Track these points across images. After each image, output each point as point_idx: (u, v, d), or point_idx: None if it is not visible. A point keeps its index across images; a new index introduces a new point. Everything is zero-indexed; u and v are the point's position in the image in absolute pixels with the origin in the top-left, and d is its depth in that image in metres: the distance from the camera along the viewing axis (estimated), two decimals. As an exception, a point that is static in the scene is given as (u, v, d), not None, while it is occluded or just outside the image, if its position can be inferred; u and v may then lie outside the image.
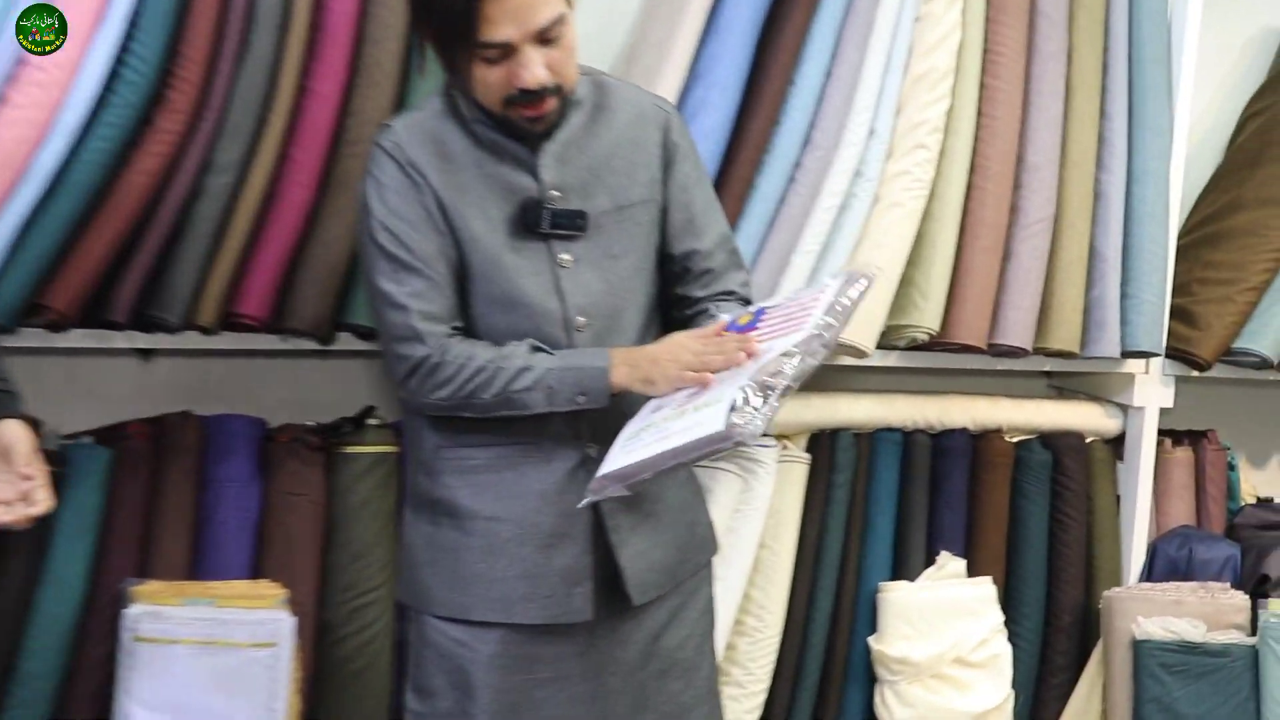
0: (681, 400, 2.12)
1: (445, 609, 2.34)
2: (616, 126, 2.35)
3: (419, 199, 2.25)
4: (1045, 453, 3.36)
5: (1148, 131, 3.26)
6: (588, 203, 2.30)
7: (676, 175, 2.38)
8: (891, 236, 3.06)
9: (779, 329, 2.13)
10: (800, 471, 3.18)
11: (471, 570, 2.31)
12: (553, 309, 2.28)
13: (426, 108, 2.33)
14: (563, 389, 2.21)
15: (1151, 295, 3.26)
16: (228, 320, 2.78)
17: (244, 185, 2.73)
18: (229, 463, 2.92)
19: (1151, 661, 3.20)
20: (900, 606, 3.20)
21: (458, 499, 2.32)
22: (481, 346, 2.25)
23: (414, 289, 2.24)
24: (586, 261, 2.30)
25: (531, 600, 2.31)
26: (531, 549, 2.31)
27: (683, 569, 2.42)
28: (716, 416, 2.01)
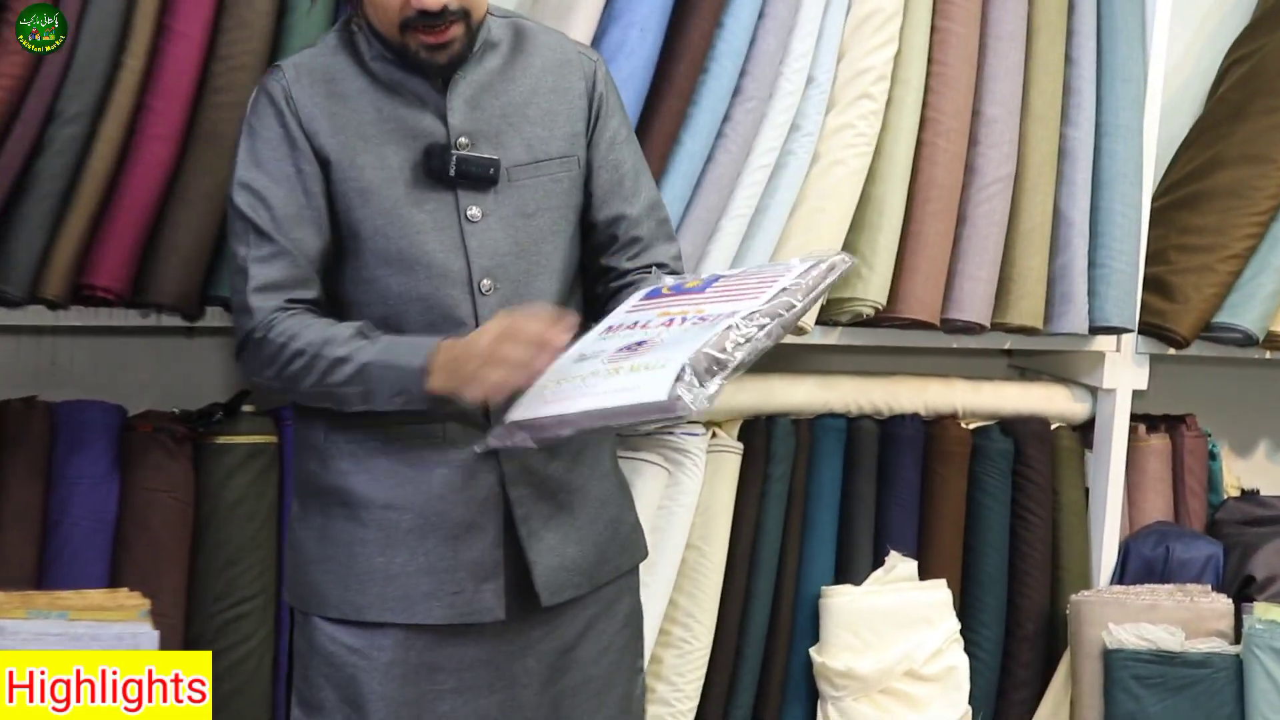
0: (612, 354, 2.07)
1: (337, 610, 2.33)
2: (534, 72, 2.37)
3: (291, 155, 2.26)
4: (1005, 440, 3.37)
5: (1119, 80, 3.27)
6: (500, 152, 2.31)
7: (604, 132, 2.40)
8: (833, 199, 3.06)
9: (734, 295, 2.11)
10: (732, 463, 3.18)
11: (367, 565, 2.31)
12: (456, 269, 2.28)
13: (320, 44, 2.34)
14: (380, 388, 2.19)
15: (1123, 264, 3.27)
16: (79, 293, 2.75)
17: (95, 138, 2.70)
18: (82, 456, 2.89)
19: (1124, 673, 3.21)
20: (844, 614, 3.20)
21: (352, 486, 2.32)
22: (311, 326, 2.23)
23: (258, 254, 2.26)
24: (496, 218, 2.31)
25: (435, 598, 2.30)
26: (436, 541, 2.31)
27: (601, 572, 2.42)
28: (659, 383, 1.96)
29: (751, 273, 2.19)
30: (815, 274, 2.11)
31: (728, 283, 2.16)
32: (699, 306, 2.11)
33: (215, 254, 2.78)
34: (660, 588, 3.07)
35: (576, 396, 2.04)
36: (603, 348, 2.12)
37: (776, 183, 3.04)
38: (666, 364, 1.99)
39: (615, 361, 2.06)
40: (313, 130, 2.26)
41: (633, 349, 2.07)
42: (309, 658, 2.37)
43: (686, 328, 2.06)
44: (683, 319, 2.10)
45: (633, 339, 2.10)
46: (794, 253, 3.00)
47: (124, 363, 3.16)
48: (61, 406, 2.91)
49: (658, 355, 2.02)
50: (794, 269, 2.13)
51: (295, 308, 2.25)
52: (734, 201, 3.01)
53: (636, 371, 2.02)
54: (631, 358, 2.05)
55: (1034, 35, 3.21)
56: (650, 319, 2.13)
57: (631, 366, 2.03)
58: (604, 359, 2.08)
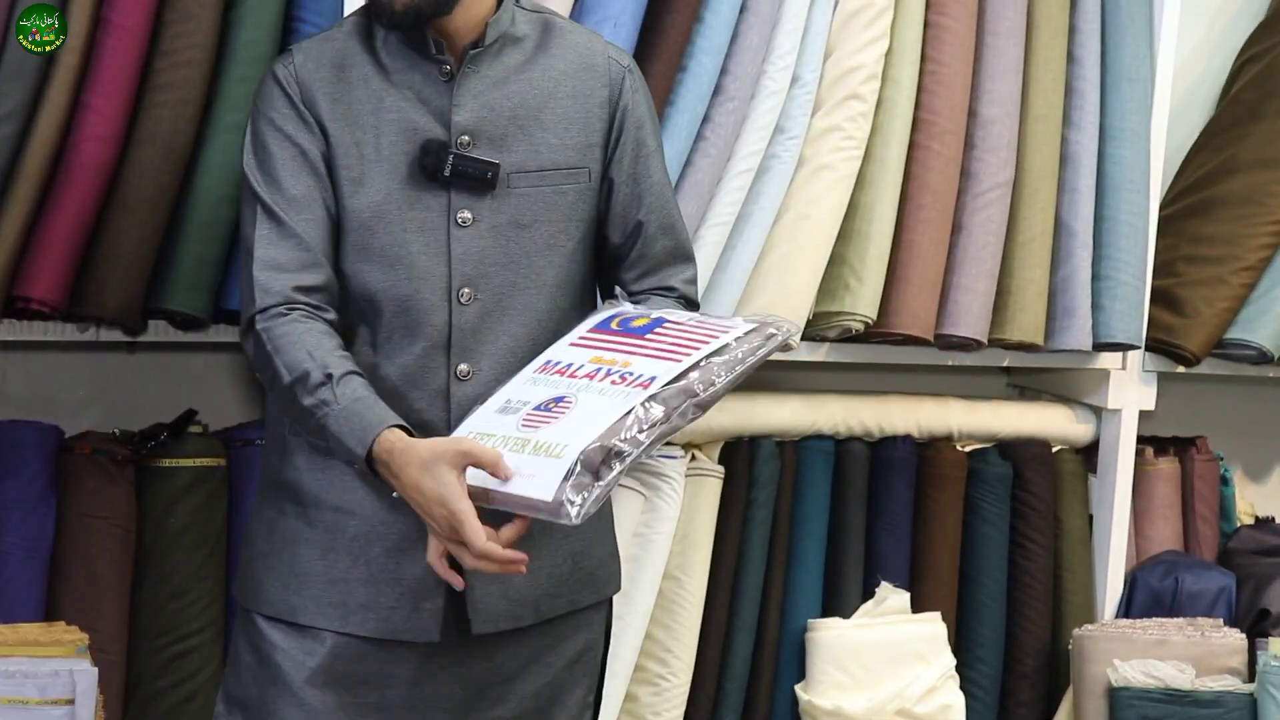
0: (528, 414, 2.13)
1: (273, 608, 2.35)
2: (555, 74, 2.35)
3: (299, 134, 2.29)
4: (1004, 464, 3.37)
5: (1124, 80, 3.27)
6: (502, 155, 2.30)
7: (626, 146, 2.39)
8: (819, 206, 3.06)
9: (663, 351, 2.15)
10: (713, 487, 3.17)
11: (308, 567, 2.34)
12: (437, 274, 2.29)
13: (337, 28, 2.38)
14: (337, 452, 2.21)
15: (1129, 277, 3.27)
16: (11, 306, 2.73)
17: (29, 139, 2.67)
18: (14, 480, 2.86)
19: (1130, 713, 3.19)
20: (832, 649, 3.19)
21: (304, 484, 2.35)
22: (297, 345, 2.22)
23: (264, 233, 2.28)
24: (488, 224, 2.30)
25: (371, 610, 2.32)
26: (379, 551, 2.32)
27: (553, 604, 2.39)
28: (549, 479, 2.03)
29: (696, 324, 2.22)
30: (752, 344, 2.15)
31: (670, 331, 2.20)
32: (628, 358, 2.16)
33: (159, 264, 2.76)
34: (636, 620, 3.06)
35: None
36: (526, 397, 2.16)
37: (760, 188, 3.04)
38: (563, 452, 2.04)
39: (527, 429, 2.11)
40: (316, 112, 2.29)
41: (548, 409, 2.12)
42: (241, 652, 2.39)
43: (603, 386, 2.12)
44: (606, 373, 2.15)
45: (553, 393, 2.15)
46: (777, 264, 3.04)
47: (60, 380, 3.16)
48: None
49: (562, 432, 2.07)
50: (732, 331, 2.18)
51: (297, 306, 2.25)
52: (714, 208, 3.01)
53: (537, 454, 2.07)
54: (541, 428, 2.10)
55: (1034, 31, 3.21)
56: (582, 364, 2.19)
57: (535, 445, 2.08)
58: (520, 418, 2.13)
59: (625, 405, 2.07)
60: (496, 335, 2.30)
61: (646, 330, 2.20)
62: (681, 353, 2.13)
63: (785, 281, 3.02)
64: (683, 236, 2.48)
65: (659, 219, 2.42)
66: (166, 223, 2.73)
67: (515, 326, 2.32)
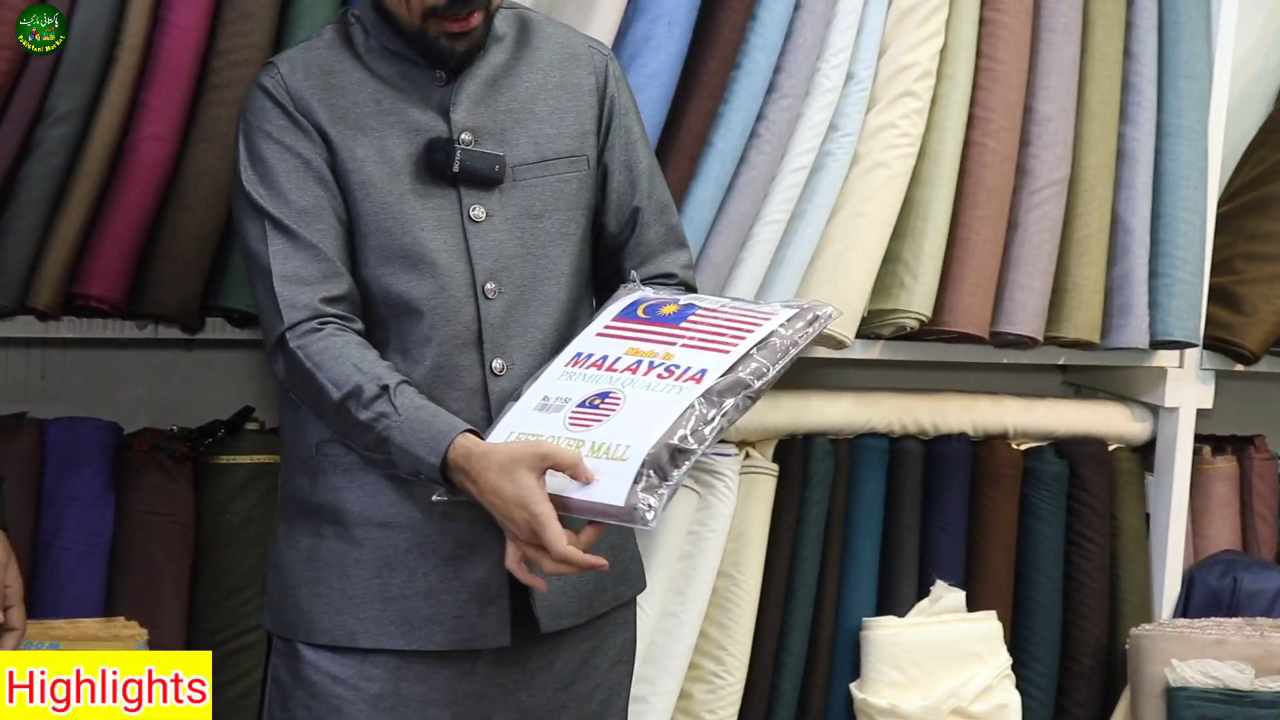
0: (574, 411, 2.10)
1: (328, 635, 2.29)
2: (542, 67, 2.35)
3: (298, 144, 2.25)
4: (1060, 463, 3.35)
5: (1181, 77, 3.25)
6: (505, 150, 2.30)
7: (618, 133, 2.39)
8: (874, 203, 3.05)
9: (705, 341, 2.12)
10: (767, 485, 3.15)
11: (363, 588, 2.28)
12: (459, 271, 2.26)
13: (315, 39, 2.34)
14: (401, 464, 2.17)
15: (1186, 274, 3.25)
16: (71, 303, 2.74)
17: (88, 138, 2.70)
18: (74, 476, 2.87)
19: (1189, 713, 3.17)
20: (887, 647, 3.18)
21: (345, 503, 2.29)
22: (341, 360, 2.20)
23: (279, 248, 2.23)
24: (502, 218, 2.29)
25: (436, 622, 2.27)
26: (437, 561, 2.28)
27: (599, 601, 2.39)
28: (618, 483, 2.00)
29: (730, 309, 2.19)
30: (795, 329, 2.12)
31: (703, 318, 2.17)
32: (669, 350, 2.13)
33: (216, 262, 2.78)
34: (691, 618, 3.06)
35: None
36: (566, 393, 2.13)
37: (814, 186, 3.03)
38: (627, 453, 2.01)
39: (576, 428, 2.07)
40: (314, 119, 2.26)
41: (595, 407, 2.09)
42: (290, 689, 2.33)
43: (650, 380, 2.09)
44: (649, 365, 2.12)
45: (595, 388, 2.12)
46: (831, 262, 3.03)
47: (119, 377, 3.16)
48: (53, 424, 2.90)
49: (618, 431, 2.04)
50: (775, 317, 2.14)
51: (330, 317, 2.22)
52: (768, 206, 3.00)
53: (596, 456, 2.03)
54: (593, 426, 2.07)
55: (1090, 28, 3.19)
56: (618, 355, 2.15)
57: (592, 446, 2.04)
58: (565, 416, 2.10)
59: (682, 401, 2.04)
60: (525, 328, 2.29)
61: (679, 318, 2.18)
62: (727, 343, 2.11)
63: (839, 279, 3.01)
64: (676, 221, 2.47)
65: (654, 204, 2.42)
66: (224, 221, 2.74)
67: (541, 318, 2.31)
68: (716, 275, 2.96)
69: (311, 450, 2.31)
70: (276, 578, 2.38)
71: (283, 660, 2.36)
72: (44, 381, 3.13)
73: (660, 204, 2.44)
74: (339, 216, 2.26)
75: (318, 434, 2.30)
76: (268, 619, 2.40)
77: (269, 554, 2.43)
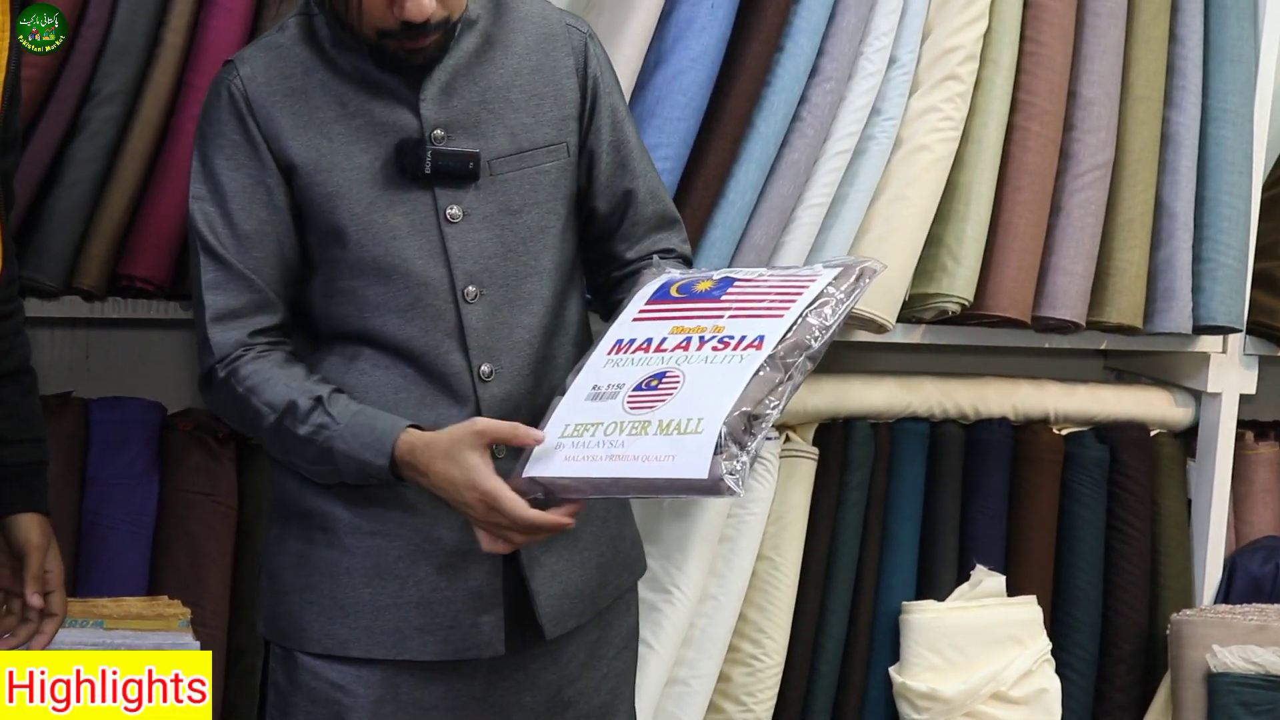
0: (630, 393, 2.04)
1: (320, 644, 2.26)
2: (517, 51, 2.27)
3: (250, 163, 2.18)
4: (1101, 448, 3.34)
5: (1227, 61, 3.23)
6: (480, 143, 2.22)
7: (602, 114, 2.32)
8: (916, 187, 3.04)
9: (755, 308, 2.07)
10: (807, 469, 3.15)
11: (353, 597, 2.24)
12: (437, 276, 2.20)
13: (277, 33, 2.25)
14: (346, 470, 2.15)
15: (1230, 259, 3.23)
16: (116, 284, 2.75)
17: (133, 119, 2.71)
18: (119, 456, 2.87)
19: (1230, 699, 3.16)
20: (927, 631, 3.18)
21: (334, 509, 2.25)
22: (273, 381, 2.17)
23: (211, 278, 2.20)
24: (479, 216, 2.22)
25: (429, 632, 2.23)
26: (429, 569, 2.23)
27: (603, 594, 2.36)
28: (698, 456, 1.93)
29: (770, 276, 2.14)
30: (844, 287, 2.06)
31: (744, 288, 2.12)
32: (717, 323, 2.07)
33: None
34: (730, 601, 3.06)
35: (601, 456, 2.00)
36: (617, 379, 2.07)
37: (856, 170, 3.02)
38: (701, 425, 1.95)
39: (638, 410, 2.02)
40: (273, 133, 2.18)
41: (653, 388, 2.03)
42: (289, 694, 2.30)
43: (706, 354, 2.03)
44: (700, 340, 2.06)
45: (649, 370, 2.06)
46: (873, 246, 3.02)
47: (163, 358, 3.17)
48: (98, 404, 2.91)
49: (686, 406, 1.98)
50: (821, 277, 2.08)
51: (257, 345, 2.19)
52: (811, 189, 2.99)
53: (667, 433, 1.97)
54: (657, 406, 2.01)
55: (1135, 11, 3.17)
56: (664, 336, 2.10)
57: (660, 424, 1.98)
58: (623, 401, 2.04)
59: (747, 368, 1.98)
60: (510, 329, 2.23)
61: (719, 291, 2.13)
62: (779, 306, 2.05)
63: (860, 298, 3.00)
64: (668, 201, 2.42)
65: (646, 184, 2.37)
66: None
67: (526, 317, 2.25)
68: (758, 258, 2.95)
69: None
70: (269, 583, 2.35)
71: (280, 665, 2.34)
72: (89, 362, 3.14)
73: (652, 183, 2.39)
74: (282, 241, 2.20)
75: None
76: (262, 624, 2.37)
77: (261, 557, 2.41)
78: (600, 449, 2.00)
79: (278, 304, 2.22)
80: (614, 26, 2.86)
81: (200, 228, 2.19)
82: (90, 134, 2.66)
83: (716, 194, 2.91)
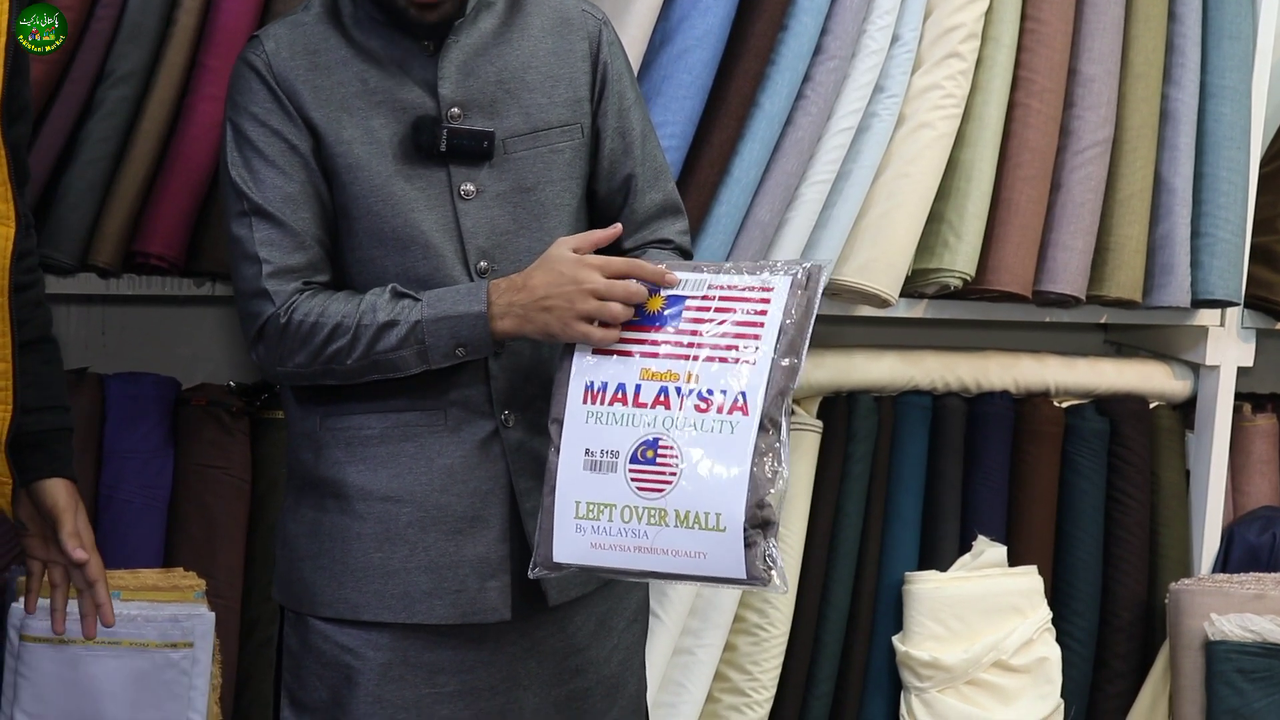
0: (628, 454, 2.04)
1: (331, 609, 2.27)
2: (533, 34, 2.29)
3: (284, 129, 2.21)
4: (1101, 420, 3.34)
5: (1225, 38, 3.23)
6: (495, 122, 2.24)
7: (611, 99, 2.33)
8: (919, 164, 3.04)
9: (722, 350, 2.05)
10: (811, 441, 3.15)
11: (364, 562, 2.25)
12: (450, 250, 2.22)
13: (301, 11, 2.28)
14: (438, 343, 2.15)
15: (1228, 234, 3.23)
16: (130, 261, 2.76)
17: (147, 99, 2.72)
18: (134, 430, 2.88)
19: (1227, 666, 3.15)
20: (929, 601, 3.18)
21: (347, 477, 2.26)
22: (337, 299, 2.18)
23: (265, 236, 2.20)
24: (493, 193, 2.24)
25: (437, 596, 2.24)
26: (437, 536, 2.25)
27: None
28: (730, 554, 1.99)
29: (724, 293, 2.09)
30: (800, 300, 2.05)
31: (701, 313, 2.08)
32: (688, 368, 2.05)
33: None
34: None
35: (629, 547, 2.04)
36: (608, 444, 2.06)
37: (859, 147, 3.01)
38: (722, 522, 1.99)
39: (647, 493, 2.04)
40: (298, 104, 2.21)
41: (650, 461, 2.04)
42: (301, 657, 2.32)
43: (691, 417, 2.03)
44: (678, 393, 2.04)
45: (637, 434, 2.05)
46: (876, 222, 3.01)
47: (177, 334, 3.17)
48: (114, 379, 2.91)
49: (697, 497, 2.00)
50: (776, 293, 2.06)
51: (314, 288, 2.21)
52: (815, 167, 2.99)
53: (688, 527, 2.01)
54: (665, 491, 2.02)
55: None
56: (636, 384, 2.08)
57: (678, 516, 2.02)
58: (625, 477, 2.05)
59: (742, 445, 2.00)
60: None
61: (674, 316, 2.09)
62: (746, 348, 2.03)
63: (884, 238, 2.99)
64: (672, 188, 2.42)
65: (648, 171, 2.37)
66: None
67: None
68: (763, 235, 2.94)
69: (316, 424, 2.29)
70: (283, 550, 2.36)
71: (293, 630, 2.36)
72: (105, 338, 3.14)
73: (655, 170, 2.38)
74: (323, 202, 2.23)
75: (322, 409, 2.28)
76: (276, 591, 2.38)
77: (276, 527, 2.41)
78: (625, 538, 2.04)
79: (327, 263, 2.25)
80: (620, 5, 2.85)
81: (247, 192, 2.20)
82: (105, 114, 2.66)
83: (722, 171, 2.91)
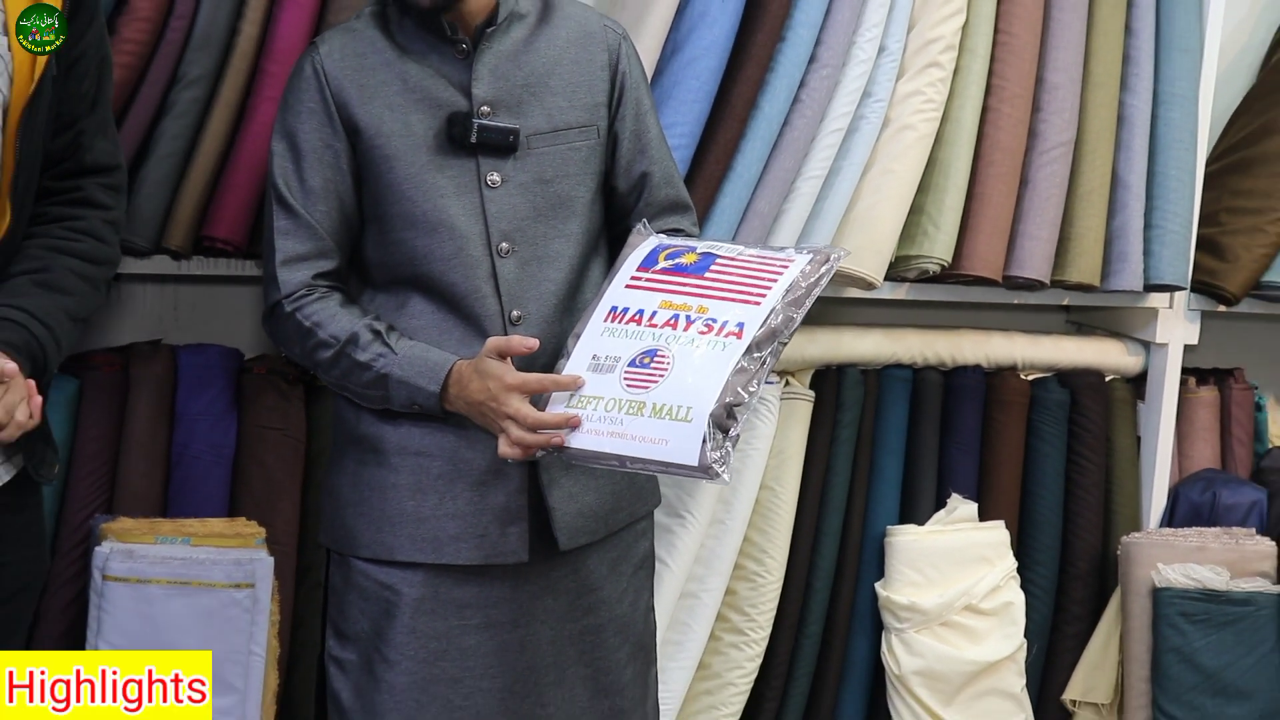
0: (626, 370, 2.07)
1: (370, 550, 2.34)
2: (559, 44, 2.34)
3: (324, 129, 2.27)
4: (1062, 391, 3.33)
5: (1176, 50, 3.22)
6: (521, 120, 2.29)
7: (628, 105, 2.38)
8: (902, 161, 3.03)
9: (735, 292, 2.09)
10: (804, 410, 3.15)
11: (399, 509, 2.32)
12: (476, 232, 2.27)
13: (357, 20, 2.34)
14: (396, 396, 2.24)
15: (1177, 225, 3.23)
16: (200, 244, 2.76)
17: (215, 101, 2.72)
18: (202, 395, 2.89)
19: (1171, 610, 3.17)
20: (908, 551, 3.18)
21: (384, 434, 2.32)
22: (338, 318, 2.25)
23: (283, 226, 2.28)
24: (516, 183, 2.29)
25: (463, 540, 2.30)
26: (464, 486, 2.30)
27: (616, 518, 2.41)
28: (688, 443, 1.97)
29: (749, 257, 2.14)
30: (813, 274, 2.09)
31: (726, 268, 2.13)
32: (702, 302, 2.09)
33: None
34: (736, 525, 3.07)
35: (605, 432, 2.04)
36: (614, 351, 2.10)
37: (849, 146, 3.01)
38: (690, 414, 1.98)
39: (634, 389, 2.05)
40: (343, 102, 2.26)
41: (645, 366, 2.06)
42: (345, 593, 2.38)
43: (693, 336, 2.05)
44: (688, 320, 2.08)
45: (641, 345, 2.09)
46: (864, 213, 3.01)
47: (241, 310, 3.15)
48: (184, 350, 2.92)
49: (674, 392, 2.01)
50: (795, 263, 2.10)
51: (320, 286, 2.27)
52: (809, 164, 2.98)
53: (660, 417, 2.01)
54: (650, 388, 2.03)
55: (1096, 6, 3.16)
56: (654, 310, 2.12)
57: (654, 407, 2.02)
58: (620, 377, 2.07)
59: (729, 358, 2.02)
60: (538, 281, 2.29)
61: (702, 268, 2.14)
62: (756, 293, 2.07)
63: (871, 228, 3.00)
64: (682, 188, 2.45)
65: (661, 170, 2.40)
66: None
67: (552, 272, 2.30)
68: (762, 225, 2.95)
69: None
70: (329, 499, 2.41)
71: (337, 569, 2.42)
72: (176, 313, 3.13)
73: (668, 170, 2.42)
74: (343, 199, 2.28)
75: None
76: (323, 535, 2.44)
77: (323, 478, 2.46)
78: (603, 424, 2.05)
79: (337, 253, 2.30)
80: (635, 18, 2.86)
81: (276, 180, 2.28)
82: (177, 114, 2.67)
83: (725, 167, 2.91)
